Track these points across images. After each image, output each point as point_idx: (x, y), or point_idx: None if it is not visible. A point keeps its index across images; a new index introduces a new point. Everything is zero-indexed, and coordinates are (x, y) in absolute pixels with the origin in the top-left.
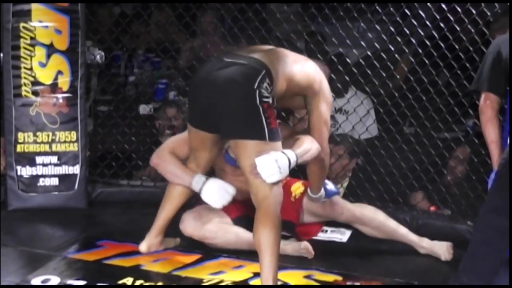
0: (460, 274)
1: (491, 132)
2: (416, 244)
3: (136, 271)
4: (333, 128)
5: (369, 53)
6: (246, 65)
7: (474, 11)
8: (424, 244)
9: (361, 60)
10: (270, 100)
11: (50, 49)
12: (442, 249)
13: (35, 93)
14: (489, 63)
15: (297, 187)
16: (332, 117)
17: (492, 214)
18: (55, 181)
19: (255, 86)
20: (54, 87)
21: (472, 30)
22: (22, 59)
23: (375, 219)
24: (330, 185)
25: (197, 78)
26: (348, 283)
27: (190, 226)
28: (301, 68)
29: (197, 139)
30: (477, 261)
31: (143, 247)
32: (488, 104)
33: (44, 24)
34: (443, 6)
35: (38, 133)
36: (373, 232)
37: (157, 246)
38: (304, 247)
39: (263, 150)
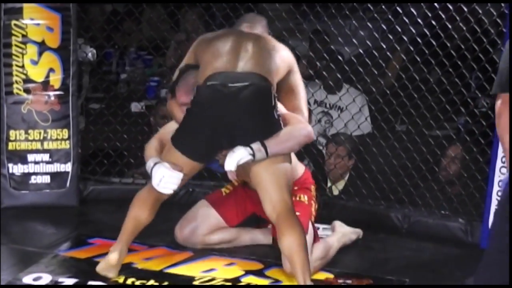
0: (476, 282)
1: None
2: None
3: (127, 269)
4: (328, 124)
5: (361, 50)
6: (256, 86)
7: (465, 9)
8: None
9: (353, 58)
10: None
11: (42, 47)
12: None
13: (27, 91)
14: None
15: None
16: (327, 113)
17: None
18: (47, 179)
19: (273, 103)
20: (45, 85)
21: (464, 28)
22: (13, 57)
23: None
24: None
25: (203, 108)
26: (340, 281)
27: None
28: (282, 56)
29: (180, 164)
30: (492, 269)
31: (112, 260)
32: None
33: (35, 21)
34: (435, 4)
35: (30, 131)
36: None
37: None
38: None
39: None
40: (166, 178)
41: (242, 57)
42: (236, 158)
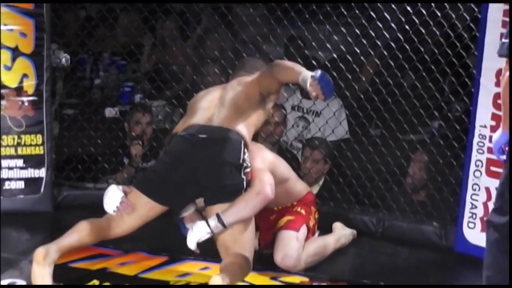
0: (484, 269)
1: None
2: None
3: (102, 274)
4: (304, 129)
5: (335, 55)
6: (226, 138)
7: (439, 14)
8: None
9: (327, 63)
10: (248, 167)
11: (15, 53)
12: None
13: (0, 97)
14: None
15: (282, 221)
16: (304, 118)
17: None
18: (20, 185)
19: (241, 161)
20: (19, 91)
21: (437, 33)
22: None
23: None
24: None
25: (172, 157)
26: (315, 284)
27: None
28: (244, 87)
29: (141, 204)
30: (498, 257)
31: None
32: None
33: (9, 27)
34: (409, 8)
35: (4, 137)
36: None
37: (49, 262)
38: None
39: None
40: (108, 193)
41: (218, 111)
42: (195, 238)
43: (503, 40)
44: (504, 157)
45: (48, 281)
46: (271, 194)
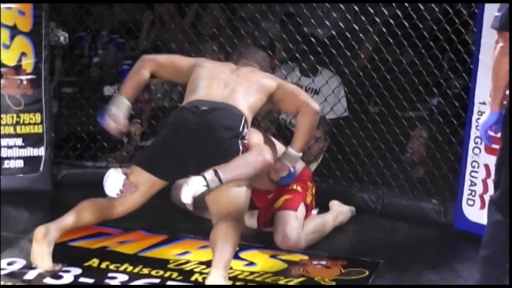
0: (481, 248)
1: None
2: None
3: (102, 253)
4: None
5: (333, 32)
6: (224, 110)
7: None
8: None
9: (325, 40)
10: (247, 139)
11: (14, 31)
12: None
13: None
14: None
15: (279, 201)
16: None
17: None
18: (20, 163)
19: (240, 129)
20: (18, 69)
21: (436, 9)
22: None
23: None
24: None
25: (171, 128)
26: (314, 262)
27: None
28: (262, 86)
29: (142, 182)
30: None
31: (39, 232)
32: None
33: (7, 5)
34: None
35: (2, 115)
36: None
37: (49, 242)
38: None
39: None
40: (109, 177)
41: (223, 90)
42: (191, 191)
43: (496, 13)
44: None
45: (48, 260)
46: (270, 159)
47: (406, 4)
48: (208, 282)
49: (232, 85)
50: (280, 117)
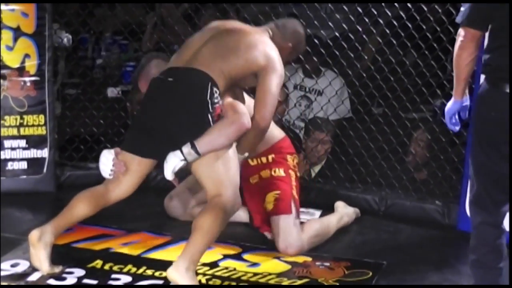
0: (470, 252)
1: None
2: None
3: (105, 254)
4: (307, 108)
5: (336, 33)
6: (189, 82)
7: None
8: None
9: (329, 41)
10: (218, 103)
11: (17, 33)
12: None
13: (2, 77)
14: None
15: (269, 201)
16: (306, 97)
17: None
18: (23, 165)
19: (208, 97)
20: (21, 71)
21: (439, 10)
22: None
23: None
24: None
25: (144, 103)
26: (317, 263)
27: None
28: (251, 56)
29: (129, 161)
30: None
31: (34, 235)
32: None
33: (10, 7)
34: None
35: (6, 117)
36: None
37: (44, 244)
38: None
39: None
40: (101, 159)
41: (196, 53)
42: (170, 167)
43: (462, 8)
44: (457, 127)
45: (46, 263)
46: (247, 123)
47: (409, 5)
48: (167, 272)
49: (209, 47)
50: (283, 119)
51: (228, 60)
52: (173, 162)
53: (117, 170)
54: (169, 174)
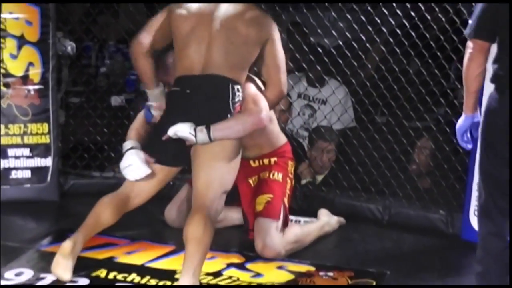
0: (476, 264)
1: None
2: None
3: (109, 263)
4: (311, 117)
5: (340, 42)
6: (211, 90)
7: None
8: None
9: (332, 50)
10: (239, 101)
11: (21, 41)
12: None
13: (6, 85)
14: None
15: (260, 202)
16: (310, 106)
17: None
18: (27, 174)
19: (230, 100)
20: (25, 79)
21: (443, 19)
22: None
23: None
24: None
25: (164, 116)
26: (321, 273)
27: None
28: (254, 36)
29: (158, 170)
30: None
31: (67, 247)
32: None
33: (14, 15)
34: None
35: (10, 125)
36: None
37: (74, 255)
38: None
39: None
40: (133, 167)
41: (207, 56)
42: (176, 129)
43: (470, 21)
44: (470, 146)
45: (70, 273)
46: (265, 120)
47: (412, 13)
48: None
49: (210, 46)
50: (287, 128)
51: (239, 53)
52: (181, 128)
53: (145, 179)
54: (171, 133)
